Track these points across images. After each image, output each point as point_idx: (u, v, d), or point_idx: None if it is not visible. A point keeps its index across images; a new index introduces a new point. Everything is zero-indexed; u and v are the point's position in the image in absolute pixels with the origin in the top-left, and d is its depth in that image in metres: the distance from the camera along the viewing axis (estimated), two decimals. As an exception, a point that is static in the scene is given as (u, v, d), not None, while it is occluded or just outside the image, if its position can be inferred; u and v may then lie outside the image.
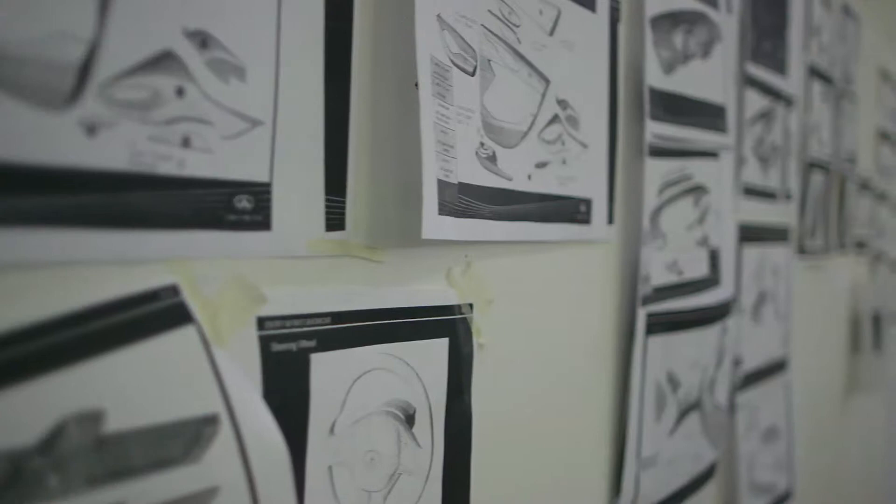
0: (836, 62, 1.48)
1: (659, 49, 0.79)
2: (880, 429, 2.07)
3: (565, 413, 0.71)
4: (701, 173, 0.88)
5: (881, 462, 2.12)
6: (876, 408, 1.98)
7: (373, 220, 0.49)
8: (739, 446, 1.07)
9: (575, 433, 0.72)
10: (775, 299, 1.20)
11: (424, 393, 0.53)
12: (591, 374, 0.74)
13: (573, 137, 0.67)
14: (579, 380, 0.72)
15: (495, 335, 0.60)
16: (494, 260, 0.60)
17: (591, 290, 0.73)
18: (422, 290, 0.53)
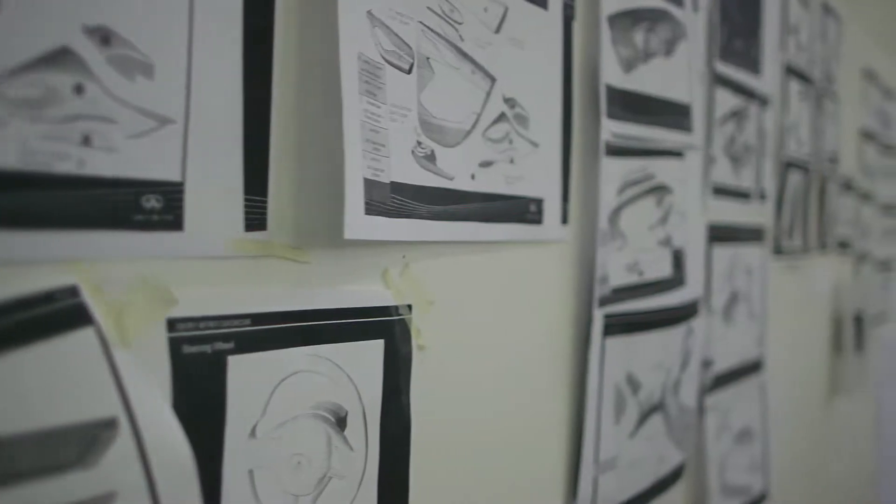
0: (816, 61, 1.47)
1: (618, 47, 0.78)
2: (864, 430, 2.06)
3: (518, 415, 0.70)
4: (664, 173, 0.87)
5: (865, 463, 2.12)
6: (859, 409, 1.97)
7: (298, 220, 0.48)
8: (709, 448, 1.06)
9: (529, 436, 0.72)
10: (749, 300, 1.19)
11: (357, 395, 0.52)
12: (546, 376, 0.73)
13: (522, 136, 0.66)
14: (534, 382, 0.71)
15: (439, 336, 0.60)
16: (437, 260, 0.59)
17: (545, 290, 0.72)
18: (355, 291, 0.52)
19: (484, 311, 0.65)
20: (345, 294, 0.51)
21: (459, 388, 0.63)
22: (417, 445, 0.57)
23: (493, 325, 0.66)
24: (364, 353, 0.53)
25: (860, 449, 2.13)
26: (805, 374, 1.59)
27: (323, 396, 0.50)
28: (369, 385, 0.53)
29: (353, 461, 0.52)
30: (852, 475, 2.07)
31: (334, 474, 0.51)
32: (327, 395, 0.50)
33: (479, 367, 0.65)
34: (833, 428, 1.79)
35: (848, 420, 1.97)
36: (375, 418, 0.54)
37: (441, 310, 0.60)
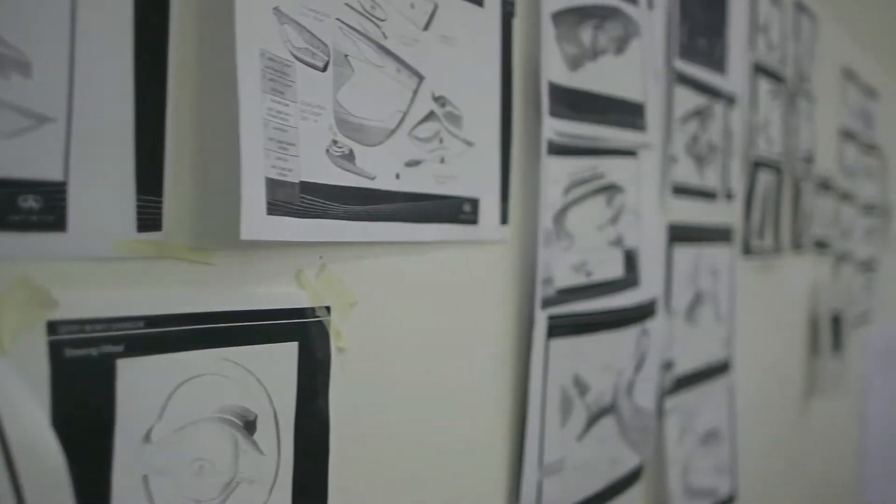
0: (788, 60, 1.46)
1: (563, 45, 0.78)
2: (845, 430, 2.05)
3: (457, 419, 0.69)
4: (615, 172, 0.86)
5: (847, 463, 2.11)
6: (836, 410, 1.95)
7: (200, 221, 0.47)
8: (670, 450, 1.05)
9: (469, 440, 0.71)
10: (715, 301, 1.18)
11: (268, 398, 0.51)
12: (488, 378, 0.72)
13: (454, 135, 0.65)
14: (473, 384, 0.71)
15: (364, 339, 0.59)
16: (360, 261, 0.58)
17: (484, 291, 0.71)
18: (266, 293, 0.51)
19: (415, 312, 0.64)
20: (254, 296, 0.50)
21: (389, 391, 0.62)
22: (341, 450, 0.56)
23: (425, 327, 0.65)
24: (276, 356, 0.52)
25: (841, 449, 2.12)
26: (780, 375, 1.58)
27: (229, 400, 0.49)
28: (282, 388, 0.52)
29: (263, 465, 0.51)
30: (833, 476, 2.06)
31: (243, 479, 0.50)
32: (234, 398, 0.49)
33: (410, 370, 0.64)
34: (811, 429, 1.78)
35: (828, 421, 1.96)
36: (289, 422, 0.53)
37: (366, 311, 0.59)
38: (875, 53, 2.22)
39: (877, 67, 2.22)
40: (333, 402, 0.56)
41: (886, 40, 2.44)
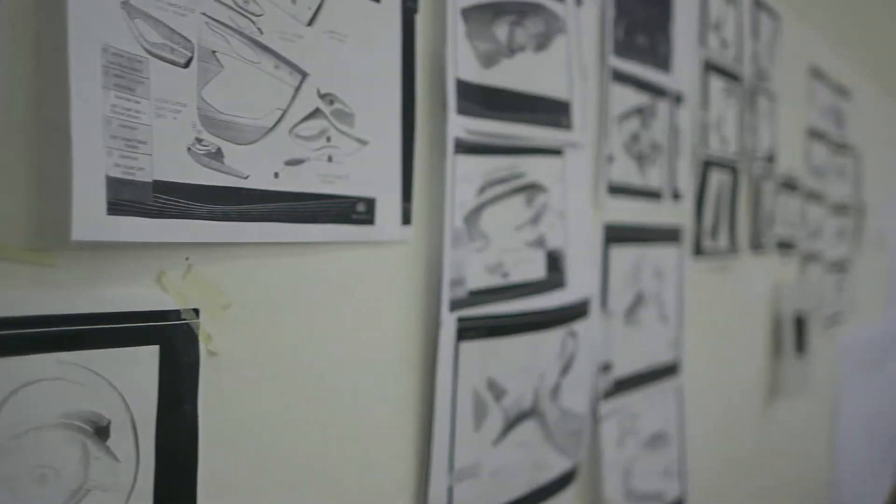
0: (744, 58, 1.45)
1: (475, 41, 0.76)
2: (813, 433, 2.03)
3: (355, 425, 0.67)
4: (536, 171, 0.84)
5: (814, 466, 2.09)
6: (808, 412, 1.94)
7: (36, 221, 0.45)
8: (607, 454, 1.04)
9: (371, 447, 0.69)
10: (659, 302, 1.16)
11: (123, 403, 0.50)
12: (390, 382, 0.71)
13: (345, 133, 0.63)
14: (374, 388, 0.69)
15: (244, 342, 0.57)
16: (237, 262, 0.57)
17: (386, 293, 0.70)
18: (120, 295, 0.49)
19: (304, 314, 0.62)
20: (105, 298, 0.49)
21: (275, 396, 0.60)
22: (216, 457, 0.55)
23: (316, 329, 0.63)
24: (133, 360, 0.50)
25: (813, 451, 2.10)
26: (740, 377, 1.56)
27: (76, 405, 0.47)
28: (140, 393, 0.51)
29: (119, 472, 0.50)
30: (805, 478, 2.04)
31: (94, 486, 0.48)
32: (83, 403, 0.48)
33: (300, 374, 0.62)
34: (775, 431, 1.76)
35: (799, 422, 1.94)
36: (150, 428, 0.51)
37: (245, 314, 0.57)
38: (847, 53, 2.20)
39: (849, 67, 2.20)
40: (206, 408, 0.55)
41: (860, 40, 2.42)
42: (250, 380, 0.58)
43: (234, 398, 0.57)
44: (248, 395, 0.58)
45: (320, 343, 0.64)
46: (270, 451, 0.60)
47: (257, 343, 0.59)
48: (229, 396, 0.57)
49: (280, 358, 0.61)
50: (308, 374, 0.63)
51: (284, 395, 0.61)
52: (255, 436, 0.59)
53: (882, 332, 2.72)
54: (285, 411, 0.61)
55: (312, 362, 0.63)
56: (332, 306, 0.65)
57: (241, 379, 0.58)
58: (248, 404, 0.58)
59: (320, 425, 0.64)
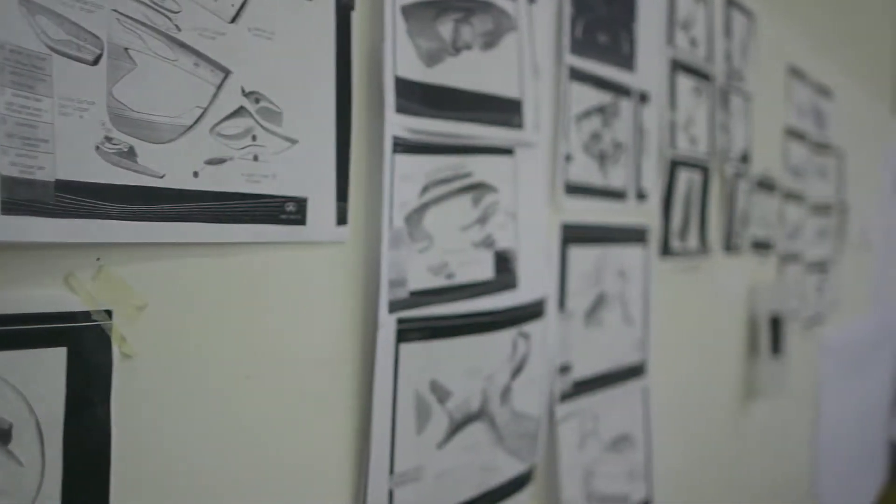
0: (717, 58, 1.44)
1: (417, 39, 0.75)
2: (786, 435, 2.02)
3: (286, 428, 0.66)
4: (484, 171, 0.83)
5: (794, 466, 2.08)
6: (781, 413, 1.93)
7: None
8: (565, 456, 1.03)
9: (304, 449, 0.68)
10: (623, 302, 1.15)
11: (27, 406, 0.49)
12: (325, 384, 0.70)
13: (272, 132, 0.62)
14: (307, 391, 0.68)
15: (163, 344, 0.56)
16: (153, 263, 0.56)
17: (320, 294, 0.69)
18: (21, 296, 0.49)
19: (228, 315, 0.61)
20: (7, 299, 0.48)
21: (195, 398, 0.59)
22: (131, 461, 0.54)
23: (242, 331, 0.62)
24: (37, 362, 0.49)
25: (794, 452, 2.09)
26: (714, 378, 1.55)
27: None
28: (45, 395, 0.50)
29: (21, 477, 0.49)
30: (786, 478, 2.04)
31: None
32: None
33: (224, 376, 0.61)
34: (752, 432, 1.75)
35: (780, 423, 1.93)
36: (57, 431, 0.50)
37: (164, 316, 0.56)
38: (829, 53, 2.19)
39: (830, 67, 2.19)
40: (122, 411, 0.54)
41: (841, 40, 2.41)
42: (171, 382, 0.57)
43: (153, 401, 0.56)
44: (168, 397, 0.57)
45: (247, 344, 0.63)
46: (193, 455, 0.59)
47: (179, 345, 0.58)
48: (147, 399, 0.56)
49: (203, 359, 0.60)
50: (233, 376, 0.62)
51: (208, 397, 0.60)
52: (176, 439, 0.58)
53: (868, 332, 2.71)
54: (208, 414, 0.60)
55: (238, 364, 0.62)
56: (261, 307, 0.64)
57: (160, 381, 0.57)
58: (168, 407, 0.57)
59: (247, 428, 0.63)
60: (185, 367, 0.58)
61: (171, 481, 0.58)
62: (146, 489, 0.56)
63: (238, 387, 0.62)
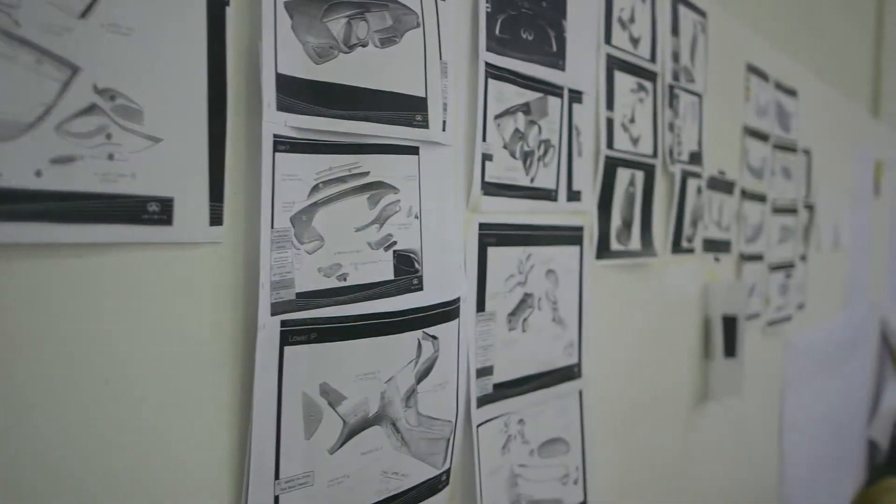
0: (662, 56, 1.42)
1: (303, 36, 0.74)
2: (750, 437, 2.00)
3: (154, 432, 0.65)
4: (383, 170, 0.82)
5: (761, 468, 2.06)
6: (739, 416, 1.91)
7: None
8: (485, 461, 1.01)
9: (177, 457, 0.66)
10: (553, 304, 1.14)
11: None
12: (201, 389, 0.68)
13: (130, 130, 0.61)
14: (177, 395, 0.66)
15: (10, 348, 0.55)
16: None
17: (191, 296, 0.67)
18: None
19: (84, 318, 0.60)
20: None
21: (49, 403, 0.58)
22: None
23: (98, 333, 0.61)
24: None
25: (755, 455, 2.07)
26: (664, 380, 1.53)
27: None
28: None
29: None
30: (753, 480, 2.02)
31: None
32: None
33: (78, 380, 0.60)
34: (707, 436, 1.74)
35: (736, 426, 1.92)
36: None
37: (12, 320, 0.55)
38: (795, 52, 2.18)
39: (799, 67, 2.18)
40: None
41: (815, 41, 2.40)
42: (21, 386, 0.56)
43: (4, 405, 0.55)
44: (20, 402, 0.56)
45: (106, 347, 0.61)
46: (52, 463, 0.58)
47: (30, 348, 0.56)
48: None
49: (57, 363, 0.58)
50: (91, 380, 0.60)
51: (64, 402, 0.59)
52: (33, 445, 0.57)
53: (841, 332, 2.70)
54: (66, 419, 0.59)
55: (96, 367, 0.61)
56: (121, 309, 0.62)
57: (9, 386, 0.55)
58: (20, 412, 0.56)
59: (108, 434, 0.62)
60: (38, 372, 0.57)
61: (33, 490, 0.56)
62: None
63: (97, 391, 0.61)
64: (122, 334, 0.62)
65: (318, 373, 0.76)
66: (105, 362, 0.61)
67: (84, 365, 0.60)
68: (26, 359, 0.56)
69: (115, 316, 0.62)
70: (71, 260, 0.59)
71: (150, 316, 0.64)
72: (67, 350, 0.59)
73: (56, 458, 0.58)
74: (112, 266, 0.61)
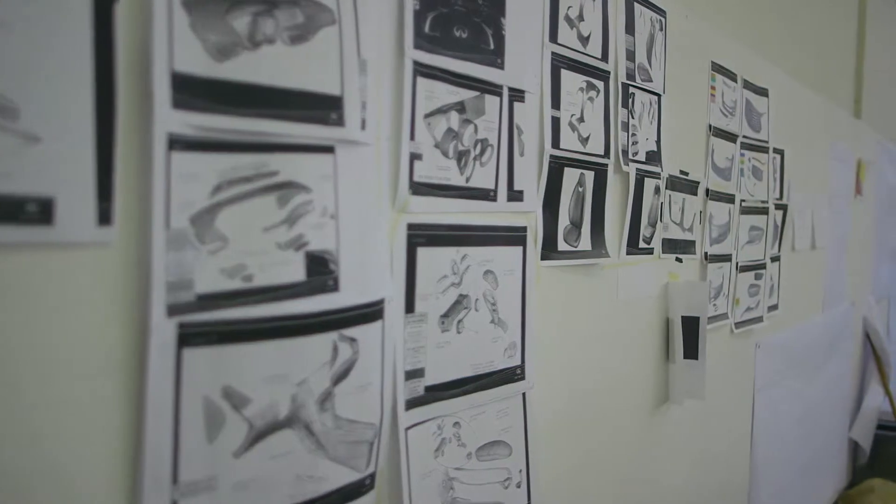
0: (615, 54, 1.40)
1: (203, 33, 0.72)
2: (711, 441, 1.98)
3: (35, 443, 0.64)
4: (293, 170, 0.81)
5: (708, 475, 2.04)
6: (706, 419, 1.89)
7: None
8: (414, 464, 1.00)
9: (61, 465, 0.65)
10: (494, 305, 1.12)
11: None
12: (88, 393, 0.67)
13: (3, 128, 0.60)
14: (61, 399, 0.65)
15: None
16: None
17: (76, 298, 0.65)
18: None
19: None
20: None
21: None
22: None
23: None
24: None
25: (726, 458, 2.05)
26: (618, 383, 1.52)
27: None
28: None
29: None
30: (711, 484, 2.00)
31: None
32: None
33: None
34: (669, 439, 1.72)
35: (704, 429, 1.90)
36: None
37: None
38: (766, 51, 2.16)
39: (770, 67, 2.16)
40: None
41: (789, 42, 2.38)
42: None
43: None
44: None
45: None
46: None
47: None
48: None
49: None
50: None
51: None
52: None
53: (819, 332, 2.68)
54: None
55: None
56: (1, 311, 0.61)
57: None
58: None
59: None
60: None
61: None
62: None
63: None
64: (3, 337, 0.61)
65: (220, 375, 0.75)
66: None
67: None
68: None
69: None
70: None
71: (33, 318, 0.63)
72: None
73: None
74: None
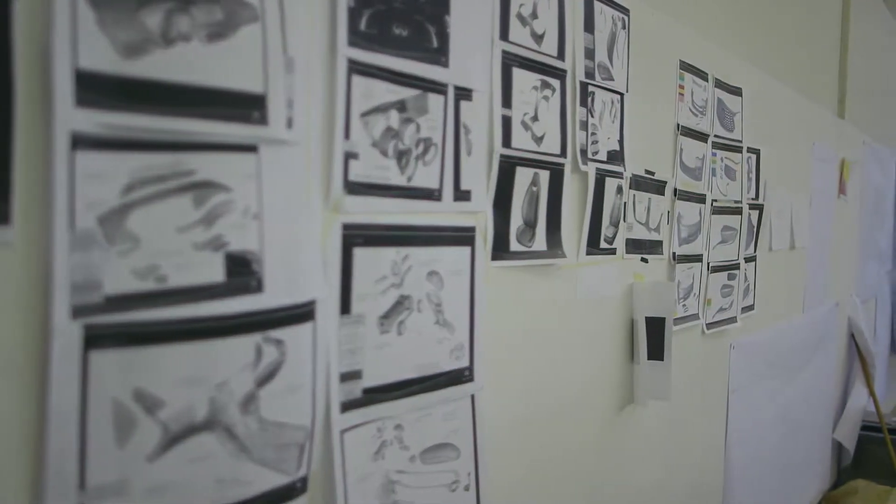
0: (573, 53, 1.39)
1: (111, 30, 0.71)
2: (684, 444, 1.96)
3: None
4: (212, 169, 0.79)
5: (680, 478, 2.03)
6: (679, 422, 1.88)
7: None
8: (350, 467, 0.98)
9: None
10: (438, 306, 1.11)
11: None
12: None
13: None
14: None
15: None
16: None
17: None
18: None
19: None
20: None
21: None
22: None
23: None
24: None
25: (700, 461, 2.04)
26: (579, 385, 1.50)
27: None
28: None
29: None
30: (684, 487, 1.99)
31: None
32: None
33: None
34: (635, 442, 1.70)
35: (675, 431, 1.89)
36: None
37: None
38: (739, 50, 2.14)
39: (744, 66, 2.14)
40: None
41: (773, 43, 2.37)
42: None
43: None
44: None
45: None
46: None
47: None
48: None
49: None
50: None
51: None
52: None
53: (798, 333, 2.66)
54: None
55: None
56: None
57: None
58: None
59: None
60: None
61: None
62: None
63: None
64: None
65: (131, 378, 0.74)
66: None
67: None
68: None
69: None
70: None
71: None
72: None
73: None
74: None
